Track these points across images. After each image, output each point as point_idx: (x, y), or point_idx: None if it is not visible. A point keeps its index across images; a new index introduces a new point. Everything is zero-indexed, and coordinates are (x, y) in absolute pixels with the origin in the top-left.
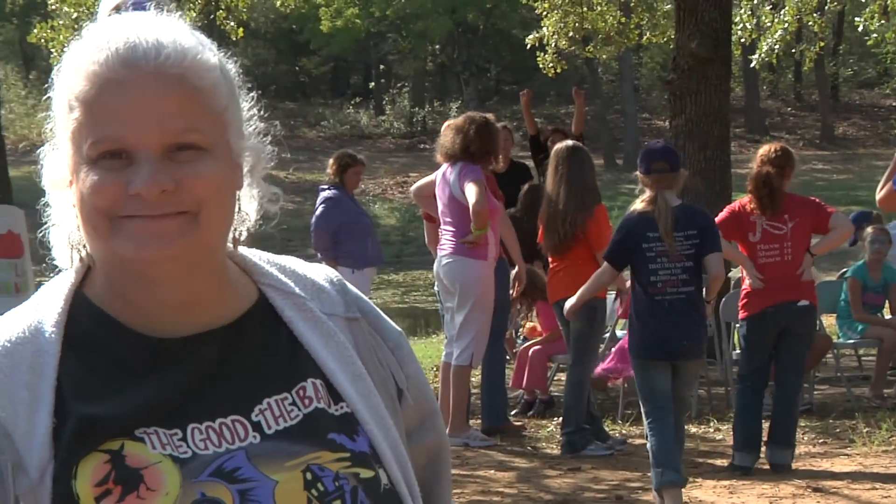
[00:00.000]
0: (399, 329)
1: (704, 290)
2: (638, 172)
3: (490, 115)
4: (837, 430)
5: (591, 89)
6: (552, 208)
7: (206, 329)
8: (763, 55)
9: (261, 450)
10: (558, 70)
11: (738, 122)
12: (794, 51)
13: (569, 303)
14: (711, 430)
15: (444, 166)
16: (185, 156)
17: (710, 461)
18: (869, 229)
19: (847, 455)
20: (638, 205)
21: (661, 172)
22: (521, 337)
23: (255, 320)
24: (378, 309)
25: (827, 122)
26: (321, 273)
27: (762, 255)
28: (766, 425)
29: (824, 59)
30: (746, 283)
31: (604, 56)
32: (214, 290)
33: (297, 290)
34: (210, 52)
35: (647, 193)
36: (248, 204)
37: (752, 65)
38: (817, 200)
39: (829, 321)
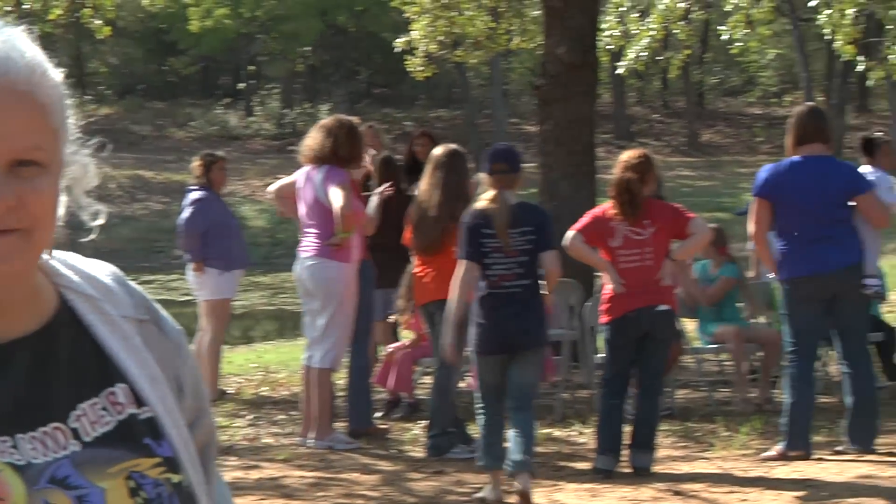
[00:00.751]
0: (179, 327)
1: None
2: (480, 173)
3: (356, 119)
4: (698, 434)
5: (461, 94)
6: (423, 211)
7: (19, 336)
8: (630, 62)
9: (83, 457)
10: (428, 74)
11: (605, 128)
12: (660, 58)
13: (449, 310)
14: (574, 433)
15: (307, 168)
16: (27, 172)
17: (572, 464)
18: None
19: (707, 458)
20: (479, 203)
21: (502, 173)
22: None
23: (61, 326)
24: (158, 305)
25: (693, 129)
26: (105, 271)
27: (623, 260)
28: (629, 429)
29: (690, 67)
30: (608, 288)
31: (473, 61)
32: (27, 296)
33: (92, 291)
34: (53, 69)
35: (490, 192)
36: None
37: (618, 71)
38: (677, 206)
39: (690, 325)
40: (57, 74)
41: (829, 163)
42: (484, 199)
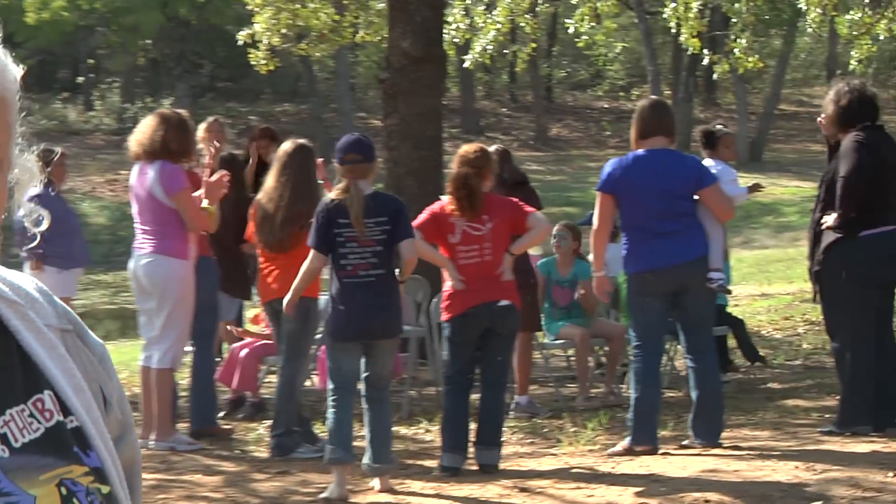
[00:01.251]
0: (102, 342)
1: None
2: (335, 163)
3: (185, 112)
4: (545, 430)
5: (307, 88)
6: (269, 208)
7: None
8: (476, 55)
9: (13, 464)
10: (271, 67)
11: (453, 122)
12: (507, 51)
13: (286, 298)
14: (422, 431)
15: (140, 164)
16: None
17: (419, 462)
18: (557, 225)
19: (554, 455)
20: (333, 193)
21: (354, 163)
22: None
23: None
24: (81, 321)
25: (541, 123)
26: (27, 281)
27: (462, 256)
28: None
29: (538, 61)
30: (448, 285)
31: (318, 54)
32: None
33: (15, 297)
34: (12, 64)
35: (342, 183)
36: None
37: (466, 65)
38: (515, 201)
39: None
40: (16, 70)
41: (673, 156)
42: (337, 189)
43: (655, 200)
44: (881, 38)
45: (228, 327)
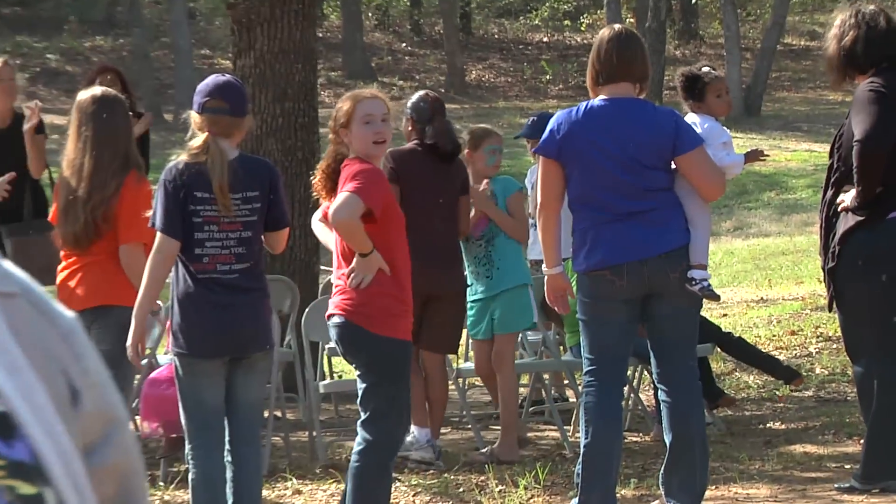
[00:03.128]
0: (72, 314)
1: None
2: (191, 111)
3: None
4: (460, 490)
5: (127, 16)
6: (71, 185)
7: None
8: None
9: None
10: None
11: (333, 63)
12: None
13: (135, 307)
14: (289, 493)
15: None
16: None
17: None
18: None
19: None
20: (185, 154)
21: (218, 113)
22: None
23: None
24: (38, 287)
25: (455, 63)
26: None
27: None
28: None
29: None
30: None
31: None
32: None
33: None
34: None
35: (199, 139)
36: None
37: None
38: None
39: None
40: None
41: (643, 109)
42: (192, 147)
43: (618, 169)
44: None
45: None
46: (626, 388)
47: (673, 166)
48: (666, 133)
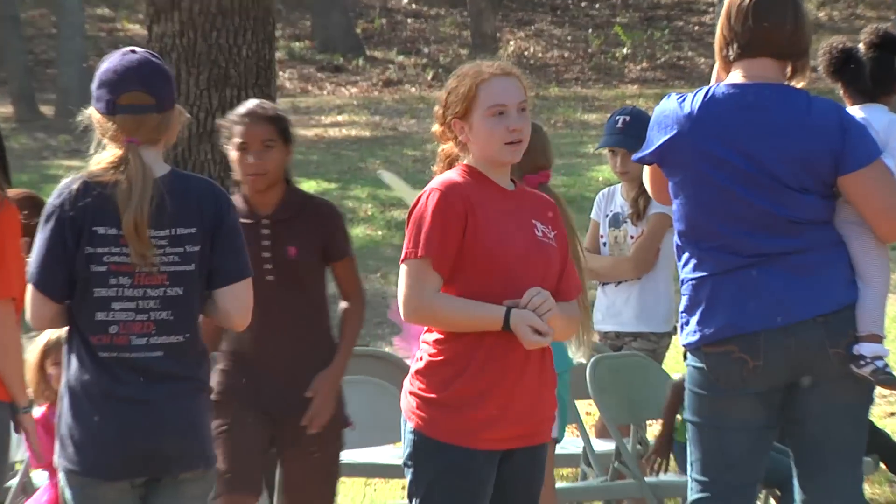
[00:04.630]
0: None
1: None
2: (91, 109)
3: None
4: None
5: None
6: None
7: None
8: None
9: None
10: None
11: (298, 29)
12: None
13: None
14: None
15: None
16: None
17: None
18: None
19: None
20: (92, 167)
21: (141, 112)
22: None
23: None
24: None
25: (483, 28)
26: None
27: None
28: None
29: None
30: None
31: None
32: None
33: None
34: None
35: (110, 153)
36: None
37: None
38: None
39: None
40: None
41: (790, 100)
42: (98, 162)
43: (748, 193)
44: None
45: None
46: None
47: (833, 189)
48: (826, 138)
